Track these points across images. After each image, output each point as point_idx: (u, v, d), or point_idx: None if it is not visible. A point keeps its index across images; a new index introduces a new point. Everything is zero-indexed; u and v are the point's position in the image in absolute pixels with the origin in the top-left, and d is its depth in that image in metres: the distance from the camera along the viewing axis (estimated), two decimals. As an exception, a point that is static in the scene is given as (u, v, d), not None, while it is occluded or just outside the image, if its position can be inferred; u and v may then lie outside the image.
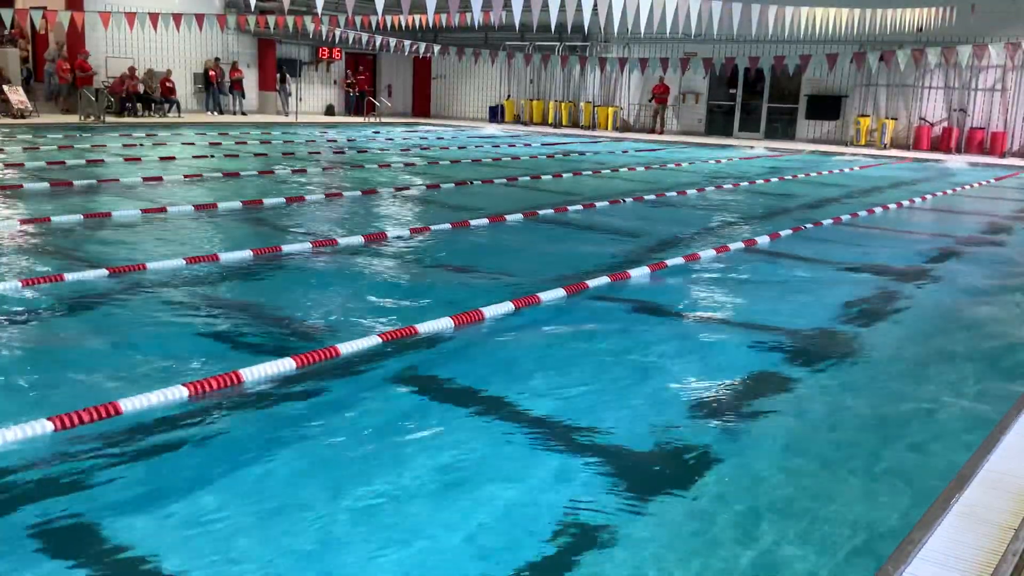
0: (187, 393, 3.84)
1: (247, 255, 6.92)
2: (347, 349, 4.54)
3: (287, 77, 28.49)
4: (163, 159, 14.17)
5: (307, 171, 13.58)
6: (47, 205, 9.08)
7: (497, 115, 31.44)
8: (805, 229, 9.45)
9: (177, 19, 19.56)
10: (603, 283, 6.39)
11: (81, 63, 22.32)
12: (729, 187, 13.63)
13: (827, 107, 25.67)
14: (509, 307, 5.53)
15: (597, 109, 29.05)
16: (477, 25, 16.29)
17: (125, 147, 15.91)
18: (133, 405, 3.65)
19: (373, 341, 4.69)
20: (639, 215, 10.60)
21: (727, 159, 19.58)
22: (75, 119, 21.15)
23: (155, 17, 19.27)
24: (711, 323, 5.64)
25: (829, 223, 9.95)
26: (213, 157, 14.98)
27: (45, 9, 19.02)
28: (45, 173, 11.67)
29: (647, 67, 24.42)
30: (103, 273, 6.02)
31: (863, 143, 24.44)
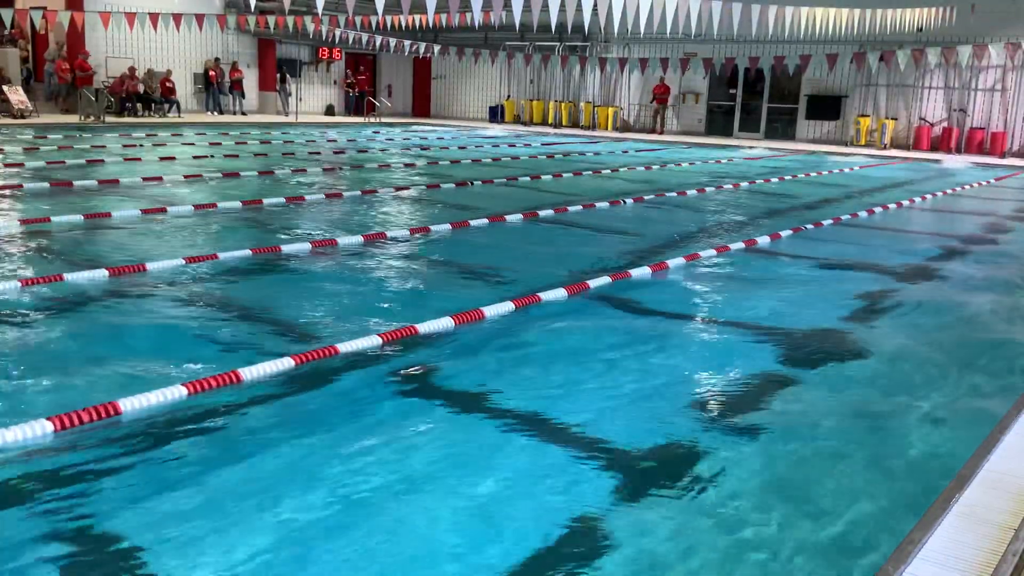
0: (186, 392, 3.84)
1: (246, 255, 6.92)
2: (346, 348, 4.54)
3: (287, 77, 28.49)
4: (163, 159, 14.17)
5: (307, 171, 13.57)
6: (47, 205, 9.08)
7: (497, 115, 31.44)
8: (805, 230, 9.44)
9: (177, 19, 19.57)
10: (604, 283, 6.39)
11: (81, 63, 22.32)
12: (729, 187, 13.63)
13: (827, 107, 25.68)
14: (509, 307, 5.53)
15: (597, 109, 29.05)
16: (477, 25, 16.29)
17: (125, 147, 15.91)
18: (133, 405, 3.65)
19: (373, 341, 4.69)
20: (639, 215, 10.60)
21: (727, 159, 19.58)
22: (75, 119, 21.15)
23: (155, 17, 19.27)
24: (711, 323, 5.64)
25: (829, 223, 9.95)
26: (213, 157, 14.97)
27: (45, 9, 19.03)
28: (45, 173, 11.67)
29: (647, 67, 24.42)
30: (103, 273, 6.02)
31: (863, 143, 24.44)
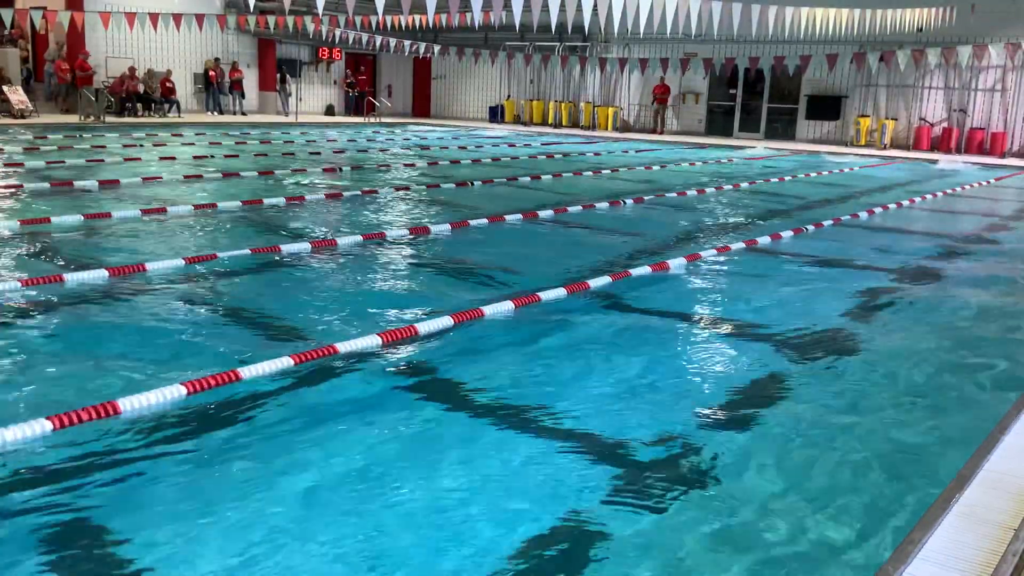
0: (185, 392, 3.83)
1: (246, 254, 6.92)
2: (346, 348, 4.54)
3: (287, 77, 28.49)
4: (163, 159, 14.17)
5: (307, 171, 13.57)
6: (47, 205, 9.08)
7: (497, 115, 31.44)
8: (805, 230, 9.44)
9: (177, 19, 19.57)
10: (604, 283, 6.39)
11: (81, 63, 22.31)
12: (729, 187, 13.62)
13: (827, 107, 25.68)
14: (509, 306, 5.53)
15: (597, 109, 29.04)
16: (477, 25, 16.28)
17: (125, 147, 15.91)
18: (132, 404, 3.65)
19: (373, 340, 4.69)
20: (639, 215, 10.60)
21: (727, 159, 19.58)
22: (75, 119, 21.15)
23: (155, 17, 19.27)
24: (711, 322, 5.63)
25: (829, 223, 9.94)
26: (213, 157, 14.97)
27: (45, 9, 19.03)
28: (45, 173, 11.66)
29: (647, 67, 24.43)
30: (103, 273, 6.01)
31: (863, 143, 24.44)
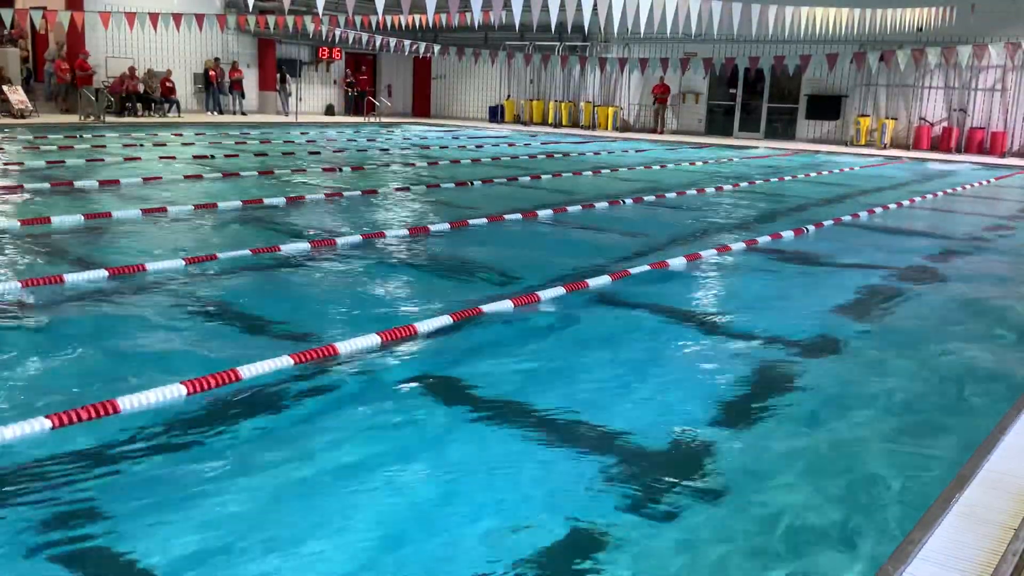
0: (185, 391, 3.83)
1: (246, 255, 6.91)
2: (345, 348, 4.54)
3: (287, 77, 28.48)
4: (163, 159, 14.17)
5: (307, 171, 13.57)
6: (47, 205, 9.07)
7: (497, 115, 31.43)
8: (806, 230, 9.43)
9: (177, 19, 19.56)
10: (604, 282, 6.39)
11: (81, 63, 22.31)
12: (729, 187, 13.62)
13: (827, 107, 25.67)
14: (508, 305, 5.53)
15: (597, 109, 29.04)
16: (477, 25, 16.31)
17: (125, 147, 15.91)
18: (131, 404, 3.65)
19: (372, 340, 4.69)
20: (639, 215, 10.60)
21: (727, 159, 19.58)
22: (75, 119, 21.14)
23: (155, 17, 19.26)
24: (711, 322, 5.63)
25: (830, 223, 9.94)
26: (213, 157, 14.97)
27: (45, 9, 19.02)
28: (45, 173, 11.66)
29: (647, 67, 24.42)
30: (103, 274, 6.01)
31: (863, 143, 24.44)
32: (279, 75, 28.68)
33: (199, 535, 2.78)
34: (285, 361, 4.26)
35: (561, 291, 5.97)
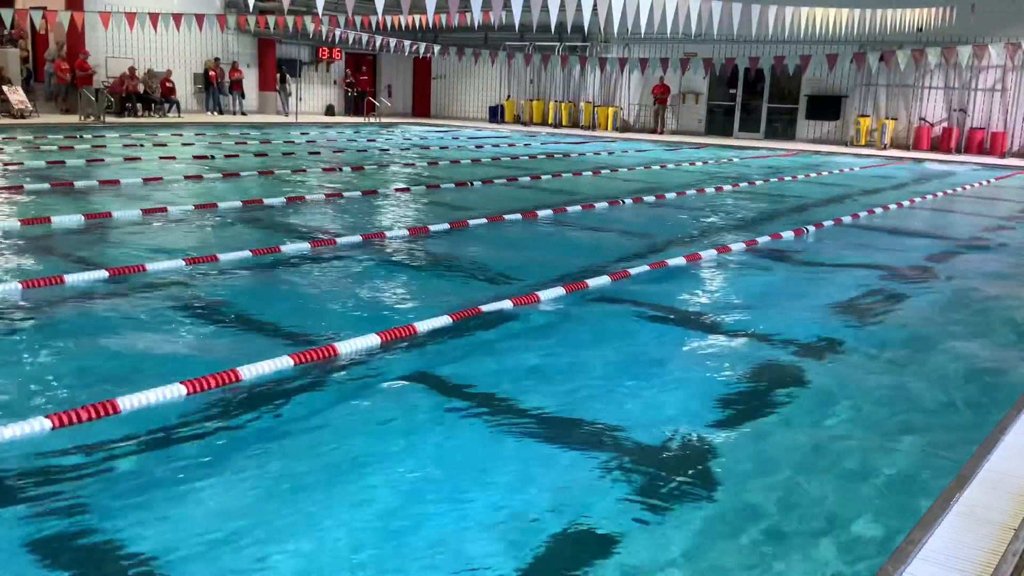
0: (185, 391, 3.83)
1: (246, 255, 6.91)
2: (345, 348, 4.54)
3: (287, 77, 28.48)
4: (163, 159, 14.17)
5: (307, 171, 13.57)
6: (47, 205, 9.07)
7: (497, 115, 31.43)
8: (806, 230, 9.44)
9: (177, 19, 19.56)
10: (603, 282, 6.39)
11: (81, 63, 22.31)
12: (729, 188, 13.62)
13: (827, 107, 25.67)
14: (508, 304, 5.53)
15: (597, 109, 29.04)
16: (477, 25, 16.31)
17: (125, 147, 15.91)
18: (131, 403, 3.65)
19: (372, 340, 4.69)
20: (639, 215, 10.60)
21: (727, 159, 19.58)
22: (75, 119, 21.14)
23: (155, 17, 19.26)
24: (712, 322, 5.63)
25: (830, 223, 9.94)
26: (213, 157, 14.97)
27: (45, 9, 19.02)
28: (45, 173, 11.66)
29: (647, 67, 24.42)
30: (103, 274, 6.01)
31: (863, 143, 24.43)
32: (279, 75, 28.68)
33: (199, 535, 2.78)
34: (285, 361, 4.26)
35: (561, 291, 5.98)
